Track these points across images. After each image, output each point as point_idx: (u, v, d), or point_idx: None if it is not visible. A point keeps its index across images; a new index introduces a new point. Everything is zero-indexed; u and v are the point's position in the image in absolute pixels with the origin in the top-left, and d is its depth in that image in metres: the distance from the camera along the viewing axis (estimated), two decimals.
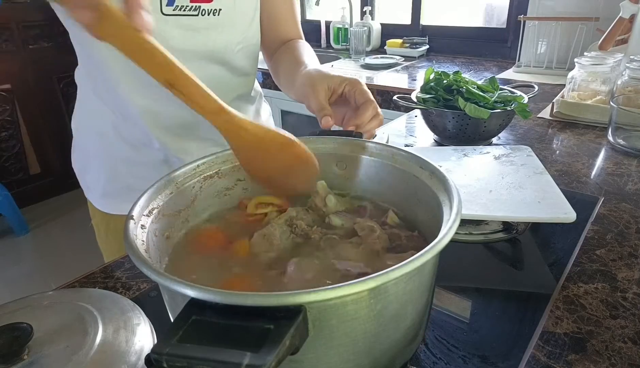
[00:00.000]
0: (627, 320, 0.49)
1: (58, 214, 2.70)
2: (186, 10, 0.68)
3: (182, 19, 0.68)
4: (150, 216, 0.43)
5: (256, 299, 0.29)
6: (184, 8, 0.67)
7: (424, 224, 0.49)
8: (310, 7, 2.63)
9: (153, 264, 0.34)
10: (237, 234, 0.49)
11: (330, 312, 0.31)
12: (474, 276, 0.59)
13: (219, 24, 0.72)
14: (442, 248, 0.34)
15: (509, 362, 0.44)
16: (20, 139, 2.71)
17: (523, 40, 1.79)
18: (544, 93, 1.39)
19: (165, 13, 0.66)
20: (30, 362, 0.36)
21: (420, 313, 0.39)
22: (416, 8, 2.20)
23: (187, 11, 0.68)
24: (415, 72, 1.89)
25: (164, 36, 0.68)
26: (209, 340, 0.27)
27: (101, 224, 0.86)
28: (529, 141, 1.02)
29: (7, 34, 2.53)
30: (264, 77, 2.03)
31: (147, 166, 0.78)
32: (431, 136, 1.04)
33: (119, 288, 0.57)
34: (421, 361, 0.45)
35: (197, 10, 0.68)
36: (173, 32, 0.68)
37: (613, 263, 0.58)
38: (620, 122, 0.94)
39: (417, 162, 0.49)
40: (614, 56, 1.16)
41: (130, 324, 0.40)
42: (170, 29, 0.68)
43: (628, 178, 0.82)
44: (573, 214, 0.57)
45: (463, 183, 0.68)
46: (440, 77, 0.98)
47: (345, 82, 0.65)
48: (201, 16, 0.69)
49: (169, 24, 0.67)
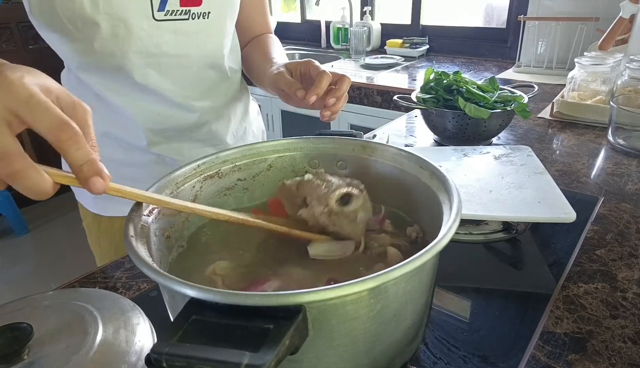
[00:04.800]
0: (627, 320, 0.49)
1: (58, 214, 2.70)
2: (177, 14, 0.68)
3: (174, 24, 0.68)
4: (150, 215, 0.43)
5: (256, 299, 0.29)
6: (175, 12, 0.68)
7: (424, 225, 0.49)
8: (310, 7, 2.63)
9: (153, 264, 0.34)
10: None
11: (330, 312, 0.31)
12: (474, 276, 0.59)
13: (209, 27, 0.72)
14: (442, 248, 0.34)
15: (509, 362, 0.44)
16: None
17: (523, 41, 1.79)
18: (544, 93, 1.39)
19: (157, 18, 0.67)
20: (30, 362, 0.35)
21: (420, 313, 0.39)
22: (416, 8, 2.20)
23: (178, 15, 0.68)
24: (415, 72, 1.89)
25: (156, 42, 0.68)
26: (209, 339, 0.27)
27: (92, 226, 0.86)
28: (529, 141, 1.02)
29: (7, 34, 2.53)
30: None
31: (138, 166, 0.77)
32: (431, 136, 1.04)
33: (119, 288, 0.57)
34: (421, 361, 0.45)
35: (187, 14, 0.69)
36: (165, 37, 0.68)
37: (613, 263, 0.58)
38: (620, 122, 0.94)
39: (417, 162, 0.49)
40: (614, 56, 1.16)
41: (130, 324, 0.40)
42: (162, 35, 0.68)
43: (628, 178, 0.82)
44: (573, 214, 0.57)
45: (463, 183, 0.68)
46: (440, 77, 0.98)
47: (299, 65, 0.69)
48: (192, 20, 0.70)
49: (161, 30, 0.68)
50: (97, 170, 0.33)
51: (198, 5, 0.69)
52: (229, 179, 0.54)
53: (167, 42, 0.69)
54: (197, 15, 0.70)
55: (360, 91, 1.69)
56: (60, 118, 0.31)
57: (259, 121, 0.97)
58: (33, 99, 0.31)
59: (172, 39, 0.69)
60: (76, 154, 0.32)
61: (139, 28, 0.65)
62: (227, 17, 0.75)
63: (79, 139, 0.32)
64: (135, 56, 0.67)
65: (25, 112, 0.30)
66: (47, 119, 0.31)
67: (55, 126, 0.31)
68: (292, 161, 0.57)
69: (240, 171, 0.54)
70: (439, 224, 0.38)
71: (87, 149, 0.33)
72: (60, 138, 0.31)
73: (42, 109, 0.31)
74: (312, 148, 0.56)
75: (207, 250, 0.49)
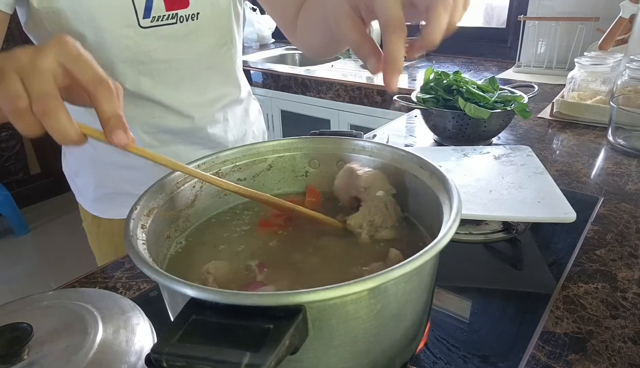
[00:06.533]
0: (627, 320, 0.49)
1: (58, 214, 2.70)
2: (164, 19, 0.66)
3: (162, 29, 0.67)
4: (150, 215, 0.43)
5: (256, 299, 0.29)
6: (161, 18, 0.66)
7: (424, 224, 0.49)
8: None
9: (153, 264, 0.34)
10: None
11: (330, 312, 0.31)
12: (474, 276, 0.59)
13: (199, 28, 0.70)
14: (442, 248, 0.34)
15: (509, 362, 0.44)
16: (21, 139, 2.71)
17: (523, 41, 1.79)
18: (544, 93, 1.39)
19: (143, 26, 0.65)
20: (30, 362, 0.36)
21: (420, 313, 0.39)
22: None
23: (165, 20, 0.66)
24: (415, 72, 1.89)
25: (145, 50, 0.67)
26: (209, 339, 0.27)
27: (92, 227, 0.86)
28: (529, 141, 1.02)
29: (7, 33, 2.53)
30: (263, 77, 2.04)
31: (137, 169, 0.76)
32: (431, 136, 1.04)
33: (119, 288, 0.57)
34: (421, 361, 0.45)
35: (175, 18, 0.67)
36: (154, 44, 0.67)
37: (613, 263, 0.58)
38: (620, 122, 0.94)
39: (417, 162, 0.49)
40: (614, 55, 1.16)
41: (130, 324, 0.40)
42: (151, 42, 0.67)
43: (628, 178, 0.82)
44: (573, 214, 0.57)
45: (463, 183, 0.68)
46: (440, 77, 0.98)
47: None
48: (180, 23, 0.68)
49: (149, 37, 0.66)
50: (123, 125, 0.37)
51: (185, 7, 0.67)
52: (229, 179, 0.54)
53: (156, 49, 0.67)
54: (186, 18, 0.68)
55: (360, 91, 1.69)
56: (101, 75, 0.36)
57: (259, 122, 0.96)
58: (82, 57, 0.36)
59: (162, 45, 0.68)
60: (107, 106, 0.36)
61: (124, 37, 0.64)
62: (219, 15, 0.73)
63: (112, 94, 0.36)
64: (124, 65, 0.66)
65: (74, 65, 0.36)
66: (90, 73, 0.36)
67: (96, 79, 0.36)
68: (292, 161, 0.57)
69: (240, 171, 0.54)
70: (439, 224, 0.38)
71: (117, 105, 0.37)
72: (98, 90, 0.36)
73: (87, 65, 0.36)
74: (312, 148, 0.56)
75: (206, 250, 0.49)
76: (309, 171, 0.57)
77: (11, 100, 0.34)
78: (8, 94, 0.34)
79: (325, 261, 0.45)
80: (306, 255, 0.45)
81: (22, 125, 0.35)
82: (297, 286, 0.41)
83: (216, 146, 0.82)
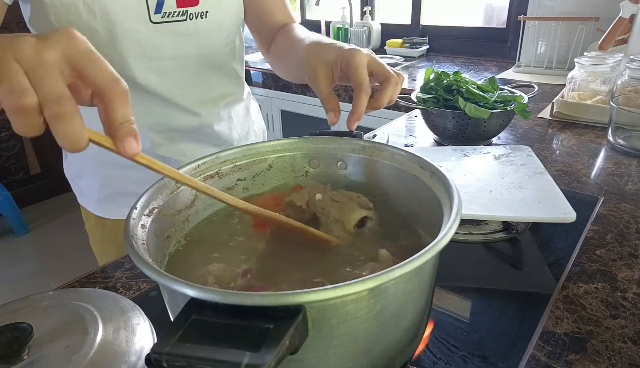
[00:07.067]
0: (627, 320, 0.49)
1: (58, 214, 2.70)
2: (174, 16, 0.68)
3: (172, 26, 0.68)
4: (150, 215, 0.43)
5: (256, 299, 0.29)
6: (172, 14, 0.67)
7: (424, 225, 0.49)
8: (310, 7, 2.63)
9: (153, 264, 0.34)
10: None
11: (330, 312, 0.31)
12: (474, 276, 0.59)
13: (207, 27, 0.72)
14: (442, 248, 0.34)
15: (509, 362, 0.44)
16: (21, 139, 2.70)
17: (523, 41, 1.79)
18: (544, 93, 1.39)
19: (154, 21, 0.66)
20: (30, 362, 0.36)
21: (420, 313, 0.39)
22: (416, 8, 2.20)
23: (175, 17, 0.68)
24: (415, 72, 1.89)
25: (155, 45, 0.68)
26: (209, 339, 0.27)
27: (96, 229, 0.86)
28: (529, 141, 1.02)
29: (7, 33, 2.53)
30: (263, 77, 2.03)
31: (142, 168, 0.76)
32: (431, 136, 1.04)
33: (119, 288, 0.57)
34: (421, 361, 0.45)
35: (185, 15, 0.68)
36: (163, 39, 0.68)
37: (613, 263, 0.58)
38: (620, 122, 0.94)
39: (417, 162, 0.49)
40: (614, 55, 1.16)
41: (130, 324, 0.40)
42: (160, 38, 0.68)
43: (628, 178, 0.82)
44: (573, 214, 0.57)
45: (463, 183, 0.68)
46: (440, 77, 0.98)
47: (339, 58, 0.55)
48: (189, 20, 0.69)
49: (159, 32, 0.67)
50: (134, 132, 0.34)
51: (195, 5, 0.69)
52: (229, 179, 0.54)
53: (165, 45, 0.68)
54: (195, 16, 0.70)
55: None
56: (115, 76, 0.33)
57: (259, 120, 0.97)
58: (94, 54, 0.33)
59: (171, 41, 0.69)
60: (121, 111, 0.33)
61: (135, 32, 0.65)
62: (226, 15, 0.74)
63: (126, 97, 0.34)
64: (134, 60, 0.67)
65: (85, 63, 0.32)
66: (104, 73, 0.33)
67: (111, 80, 0.33)
68: (292, 161, 0.57)
69: (240, 171, 0.54)
70: (439, 225, 0.38)
71: (129, 110, 0.34)
72: (112, 92, 0.33)
73: (102, 64, 0.33)
74: (312, 148, 0.56)
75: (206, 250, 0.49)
76: (309, 171, 0.57)
77: (16, 95, 0.30)
78: (11, 87, 0.30)
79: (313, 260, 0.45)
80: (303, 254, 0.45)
81: (22, 124, 0.30)
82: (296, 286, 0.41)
83: (222, 143, 0.82)
